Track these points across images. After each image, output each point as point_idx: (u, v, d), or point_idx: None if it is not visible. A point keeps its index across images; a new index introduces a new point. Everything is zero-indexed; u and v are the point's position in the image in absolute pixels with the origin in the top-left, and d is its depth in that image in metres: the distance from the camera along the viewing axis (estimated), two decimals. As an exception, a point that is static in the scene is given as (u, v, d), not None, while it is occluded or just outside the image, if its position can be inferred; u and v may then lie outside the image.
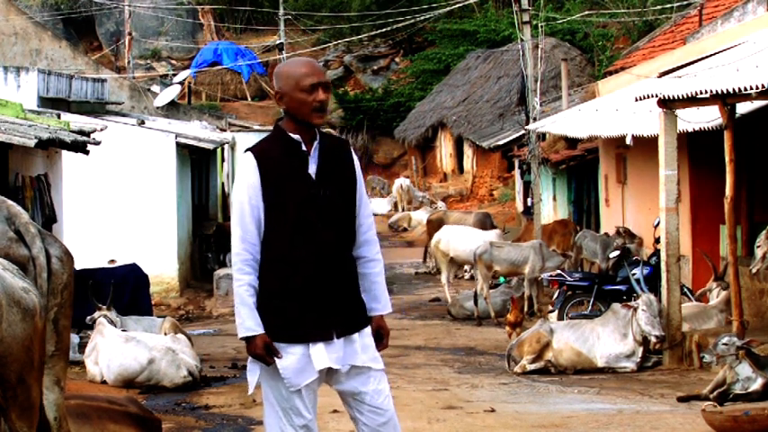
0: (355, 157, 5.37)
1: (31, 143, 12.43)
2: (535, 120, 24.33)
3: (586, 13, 36.63)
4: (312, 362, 5.18)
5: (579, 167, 24.81)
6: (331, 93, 5.35)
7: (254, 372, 5.25)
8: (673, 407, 10.18)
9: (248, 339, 5.17)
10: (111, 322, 12.82)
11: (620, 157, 20.19)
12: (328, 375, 5.28)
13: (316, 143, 5.26)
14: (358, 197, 5.33)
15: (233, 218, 5.31)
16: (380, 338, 5.37)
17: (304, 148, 5.24)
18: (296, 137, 5.23)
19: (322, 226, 5.21)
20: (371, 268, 5.38)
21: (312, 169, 5.23)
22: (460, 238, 20.67)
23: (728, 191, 11.82)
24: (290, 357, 5.17)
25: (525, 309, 17.57)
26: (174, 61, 51.37)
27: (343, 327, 5.24)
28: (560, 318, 15.26)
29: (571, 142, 25.60)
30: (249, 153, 5.24)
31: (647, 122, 14.68)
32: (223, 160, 29.04)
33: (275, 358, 5.15)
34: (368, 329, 5.35)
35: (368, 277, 5.37)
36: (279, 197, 5.18)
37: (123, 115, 28.55)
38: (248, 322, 5.16)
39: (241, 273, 5.18)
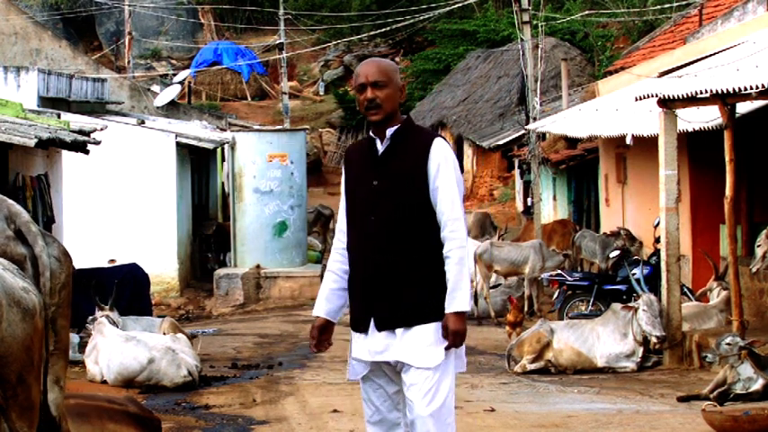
0: (436, 154, 5.24)
1: (32, 143, 12.44)
2: (535, 120, 24.32)
3: (586, 13, 36.63)
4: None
5: (579, 167, 24.80)
6: (388, 90, 5.28)
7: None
8: (673, 407, 10.18)
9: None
10: (113, 322, 12.79)
11: (620, 157, 20.19)
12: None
13: (386, 139, 5.33)
14: (431, 193, 5.23)
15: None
16: (445, 336, 5.20)
17: (379, 144, 5.35)
18: (372, 134, 5.38)
19: (374, 218, 5.28)
20: (445, 265, 5.24)
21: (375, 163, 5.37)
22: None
23: (728, 191, 11.81)
24: (353, 343, 5.37)
25: (525, 309, 17.56)
26: (174, 61, 51.35)
27: (382, 320, 5.26)
28: (560, 318, 15.25)
29: (571, 142, 25.59)
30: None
31: (647, 122, 14.68)
32: (223, 160, 29.02)
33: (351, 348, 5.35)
34: (424, 326, 5.21)
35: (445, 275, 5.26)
36: (346, 190, 5.43)
37: (123, 115, 28.56)
38: (316, 305, 5.48)
39: (330, 260, 5.48)
